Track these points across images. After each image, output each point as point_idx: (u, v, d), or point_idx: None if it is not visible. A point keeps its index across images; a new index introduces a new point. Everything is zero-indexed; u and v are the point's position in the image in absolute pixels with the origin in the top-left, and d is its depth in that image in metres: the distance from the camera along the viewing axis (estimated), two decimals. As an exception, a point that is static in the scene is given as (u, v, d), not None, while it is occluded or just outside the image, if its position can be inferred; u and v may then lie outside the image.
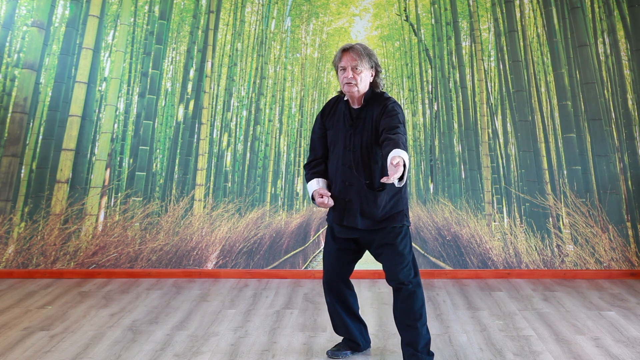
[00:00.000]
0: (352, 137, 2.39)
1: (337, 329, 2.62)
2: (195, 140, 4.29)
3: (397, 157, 2.02)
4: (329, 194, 2.39)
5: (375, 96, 2.42)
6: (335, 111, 2.49)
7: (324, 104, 2.57)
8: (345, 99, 2.46)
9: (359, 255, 2.56)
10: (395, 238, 2.38)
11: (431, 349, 2.54)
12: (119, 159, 4.25)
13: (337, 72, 2.42)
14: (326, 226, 2.63)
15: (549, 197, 4.15)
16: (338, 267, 2.52)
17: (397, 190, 2.40)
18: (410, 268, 2.39)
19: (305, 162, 2.60)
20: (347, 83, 2.34)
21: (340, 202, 2.40)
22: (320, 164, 2.51)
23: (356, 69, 2.32)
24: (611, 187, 4.10)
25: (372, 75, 2.40)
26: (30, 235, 4.10)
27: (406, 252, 2.39)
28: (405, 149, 2.15)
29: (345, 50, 2.35)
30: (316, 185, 2.45)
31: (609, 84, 4.21)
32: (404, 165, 2.04)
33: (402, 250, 2.38)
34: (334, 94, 4.06)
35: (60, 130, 4.20)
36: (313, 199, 2.44)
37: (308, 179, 2.50)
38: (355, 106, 2.43)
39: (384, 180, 1.97)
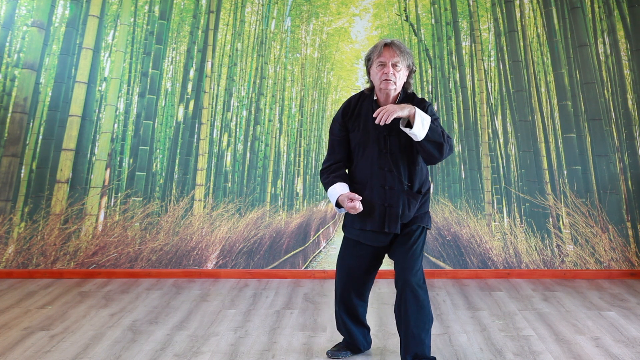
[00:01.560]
0: (387, 139, 2.28)
1: (339, 330, 2.60)
2: (195, 140, 4.29)
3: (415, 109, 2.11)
4: (360, 198, 2.25)
5: (409, 97, 2.33)
6: (360, 111, 2.35)
7: (343, 104, 2.42)
8: (374, 98, 2.34)
9: (378, 269, 2.51)
10: (417, 239, 2.32)
11: (431, 349, 2.53)
12: (119, 159, 4.25)
13: (369, 66, 2.30)
14: (326, 226, 2.60)
15: (549, 197, 4.14)
16: (358, 286, 2.45)
17: (427, 190, 2.38)
18: (422, 272, 2.34)
19: (323, 165, 2.42)
20: (386, 79, 2.22)
21: (379, 208, 2.29)
22: (341, 168, 2.38)
23: (396, 65, 2.23)
24: (611, 187, 4.10)
25: (406, 75, 2.31)
26: (30, 235, 4.10)
27: (421, 254, 2.34)
28: (442, 136, 2.19)
29: (387, 45, 2.24)
30: (341, 189, 2.30)
31: (609, 84, 4.21)
32: (420, 132, 2.13)
33: (419, 252, 2.32)
34: (333, 94, 4.03)
35: (60, 130, 4.20)
36: (338, 205, 2.31)
37: (329, 182, 2.34)
38: None
39: (377, 115, 2.11)
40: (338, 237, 4.24)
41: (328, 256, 4.18)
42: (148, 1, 4.37)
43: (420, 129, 2.12)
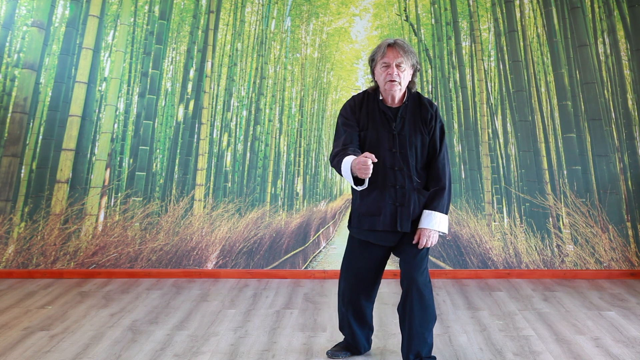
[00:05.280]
0: (396, 139, 2.26)
1: (342, 330, 2.59)
2: (195, 140, 4.29)
3: (425, 233, 2.26)
4: (373, 156, 2.04)
5: (414, 97, 2.32)
6: (367, 110, 2.32)
7: (348, 101, 2.38)
8: (379, 98, 2.31)
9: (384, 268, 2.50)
10: None
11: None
12: (119, 159, 4.25)
13: (373, 67, 2.28)
14: (326, 226, 2.59)
15: (549, 197, 4.14)
16: (367, 287, 2.42)
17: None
18: (428, 271, 2.35)
19: (333, 151, 2.28)
20: (390, 80, 2.21)
21: (390, 208, 2.27)
22: (356, 150, 2.23)
23: (400, 66, 2.21)
24: (611, 187, 4.10)
25: (411, 75, 2.29)
26: (30, 235, 4.10)
27: (427, 253, 2.35)
28: (448, 198, 2.31)
29: (390, 45, 2.21)
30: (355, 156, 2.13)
31: (609, 84, 4.21)
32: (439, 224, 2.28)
33: (425, 251, 2.32)
34: (333, 94, 4.03)
35: (60, 130, 4.20)
36: (353, 176, 2.12)
37: (343, 155, 2.16)
38: (395, 105, 2.30)
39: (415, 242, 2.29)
40: (338, 237, 4.24)
41: (328, 256, 4.18)
42: (148, 1, 4.37)
43: (445, 223, 2.30)
